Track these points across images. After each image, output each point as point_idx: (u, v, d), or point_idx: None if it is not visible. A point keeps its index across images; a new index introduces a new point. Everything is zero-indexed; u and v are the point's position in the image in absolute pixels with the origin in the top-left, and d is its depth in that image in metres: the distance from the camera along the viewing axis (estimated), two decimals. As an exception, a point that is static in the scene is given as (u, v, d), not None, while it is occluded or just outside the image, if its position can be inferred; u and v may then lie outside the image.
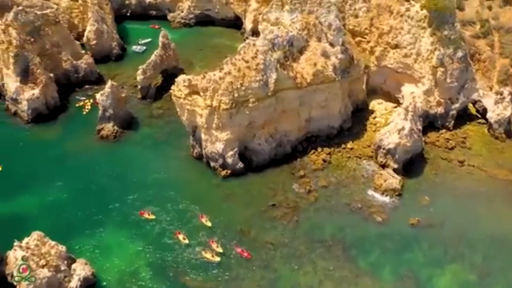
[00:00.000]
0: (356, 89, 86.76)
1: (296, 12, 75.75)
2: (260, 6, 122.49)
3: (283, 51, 72.95)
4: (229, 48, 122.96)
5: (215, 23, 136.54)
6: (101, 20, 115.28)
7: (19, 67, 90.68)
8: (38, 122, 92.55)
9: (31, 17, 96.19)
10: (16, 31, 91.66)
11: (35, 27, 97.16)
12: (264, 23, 79.86)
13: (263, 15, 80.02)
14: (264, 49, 71.04)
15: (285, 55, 73.23)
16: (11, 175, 78.64)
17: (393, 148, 72.69)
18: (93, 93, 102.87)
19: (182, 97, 73.21)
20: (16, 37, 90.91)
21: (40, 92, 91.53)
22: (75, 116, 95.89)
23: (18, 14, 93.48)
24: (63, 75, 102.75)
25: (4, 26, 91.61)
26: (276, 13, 77.46)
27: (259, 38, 73.11)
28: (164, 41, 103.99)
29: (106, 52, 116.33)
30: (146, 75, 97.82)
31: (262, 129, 75.90)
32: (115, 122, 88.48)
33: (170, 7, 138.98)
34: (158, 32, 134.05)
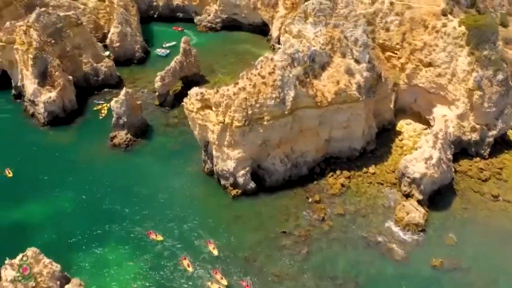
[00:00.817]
0: (383, 108, 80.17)
1: (320, 25, 69.95)
2: (288, 13, 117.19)
3: (303, 67, 67.48)
4: (254, 55, 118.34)
5: (242, 28, 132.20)
6: (125, 22, 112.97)
7: (37, 69, 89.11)
8: (54, 125, 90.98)
9: (53, 19, 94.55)
10: (37, 32, 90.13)
11: (56, 28, 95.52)
12: (286, 35, 74.45)
13: (285, 27, 74.54)
14: (283, 64, 65.79)
15: (306, 71, 67.71)
16: (20, 181, 76.83)
17: (419, 178, 65.89)
18: (112, 97, 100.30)
19: (194, 111, 69.07)
20: (36, 38, 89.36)
21: (57, 95, 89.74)
22: (91, 120, 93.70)
23: (40, 15, 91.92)
24: (82, 78, 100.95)
25: (25, 27, 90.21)
26: (299, 25, 71.81)
27: (278, 52, 67.84)
28: (185, 47, 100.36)
29: (128, 55, 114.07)
30: (164, 82, 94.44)
31: (277, 148, 70.77)
32: (129, 130, 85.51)
33: (197, 10, 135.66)
34: (182, 35, 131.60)
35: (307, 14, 71.03)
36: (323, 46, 69.44)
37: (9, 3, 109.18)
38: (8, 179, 77.09)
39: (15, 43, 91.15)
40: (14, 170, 78.94)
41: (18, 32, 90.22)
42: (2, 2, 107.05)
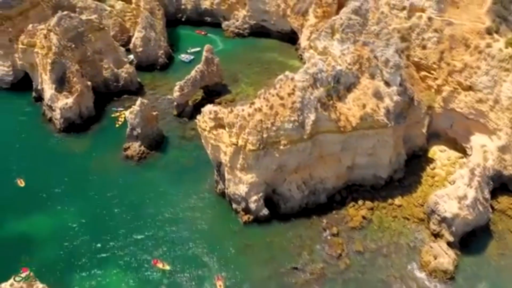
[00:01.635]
0: (414, 133, 72.95)
1: (348, 42, 63.63)
2: (318, 21, 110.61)
3: (326, 89, 61.41)
4: (281, 65, 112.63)
5: (270, 35, 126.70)
6: (150, 26, 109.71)
7: (55, 74, 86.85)
8: (70, 132, 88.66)
9: (75, 23, 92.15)
10: (57, 37, 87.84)
11: (78, 32, 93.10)
12: (310, 50, 68.53)
13: (310, 42, 68.50)
14: (304, 85, 59.93)
15: (329, 93, 61.62)
16: (31, 191, 74.37)
17: (450, 218, 58.59)
18: (131, 104, 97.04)
19: (206, 129, 64.26)
20: (56, 43, 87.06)
21: (74, 102, 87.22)
22: (107, 128, 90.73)
23: (61, 19, 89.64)
24: (102, 83, 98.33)
25: (46, 31, 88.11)
26: (325, 41, 65.77)
27: (299, 71, 61.95)
28: (208, 55, 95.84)
29: (151, 60, 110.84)
30: (183, 92, 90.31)
31: (294, 174, 65.10)
32: (142, 142, 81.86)
33: (226, 15, 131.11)
34: (208, 40, 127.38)
35: (334, 29, 64.84)
36: (350, 65, 63.06)
37: (36, 4, 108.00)
38: (20, 188, 74.92)
39: (36, 46, 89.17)
40: (26, 179, 76.69)
41: (39, 35, 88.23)
42: (29, 3, 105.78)
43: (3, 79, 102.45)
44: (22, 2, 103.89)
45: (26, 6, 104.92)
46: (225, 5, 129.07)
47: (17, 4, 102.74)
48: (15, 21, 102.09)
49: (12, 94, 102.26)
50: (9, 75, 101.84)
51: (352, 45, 63.42)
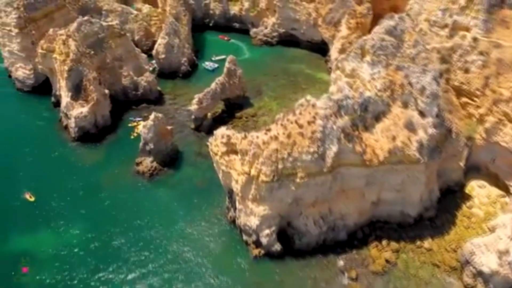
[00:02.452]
0: (450, 167, 65.14)
1: (379, 66, 56.60)
2: (351, 33, 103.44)
3: (352, 118, 54.73)
4: (308, 78, 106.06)
5: (299, 44, 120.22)
6: (174, 33, 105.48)
7: (71, 81, 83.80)
8: (84, 141, 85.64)
9: (95, 28, 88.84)
10: (75, 43, 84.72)
11: (98, 39, 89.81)
12: (337, 72, 61.77)
13: (337, 62, 61.81)
14: (327, 113, 53.49)
15: (354, 122, 54.89)
16: (39, 206, 71.58)
17: (488, 274, 50.74)
18: (148, 113, 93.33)
19: (218, 154, 58.84)
20: (74, 50, 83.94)
21: (89, 110, 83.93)
22: (122, 139, 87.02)
23: (81, 24, 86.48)
24: (121, 91, 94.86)
25: (65, 37, 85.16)
26: (354, 63, 58.92)
27: (322, 97, 55.44)
28: (230, 67, 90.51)
29: (174, 68, 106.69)
30: (201, 106, 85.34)
31: (311, 208, 58.80)
32: (155, 158, 77.48)
33: (254, 21, 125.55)
34: (234, 47, 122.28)
35: (364, 51, 57.92)
36: (380, 91, 56.06)
37: (61, 6, 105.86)
38: (27, 203, 72.04)
39: (55, 52, 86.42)
40: (34, 191, 73.79)
41: (58, 41, 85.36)
42: (55, 5, 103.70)
43: (24, 82, 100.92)
44: (48, 4, 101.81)
45: (51, 8, 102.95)
46: (254, 11, 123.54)
47: (43, 6, 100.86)
48: (40, 23, 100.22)
49: (32, 97, 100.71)
50: (31, 78, 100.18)
51: (384, 69, 56.33)
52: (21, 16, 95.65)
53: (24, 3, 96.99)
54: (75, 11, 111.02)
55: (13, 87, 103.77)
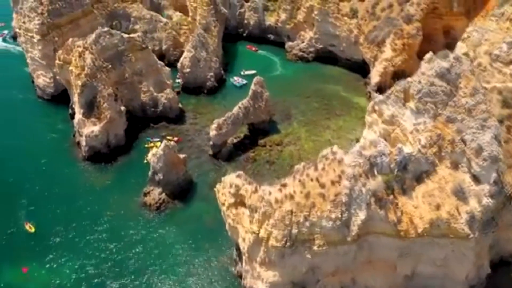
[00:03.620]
0: (505, 237, 53.43)
1: (426, 115, 46.01)
2: (395, 55, 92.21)
3: (386, 179, 44.57)
4: (344, 103, 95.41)
5: (337, 62, 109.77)
6: (201, 45, 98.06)
7: (84, 98, 78.02)
8: (95, 161, 79.81)
9: (115, 41, 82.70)
10: (92, 56, 78.83)
11: (117, 51, 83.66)
12: (373, 115, 51.61)
13: (374, 103, 51.63)
14: (355, 172, 43.66)
15: (389, 184, 44.70)
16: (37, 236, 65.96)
17: None
18: (167, 133, 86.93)
19: (225, 205, 50.39)
20: (90, 64, 78.06)
21: (101, 130, 77.86)
22: (135, 162, 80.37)
23: (100, 36, 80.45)
24: (139, 107, 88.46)
25: (81, 49, 79.47)
26: (394, 107, 48.59)
27: (351, 152, 45.59)
28: (256, 89, 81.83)
29: (199, 83, 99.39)
30: (221, 132, 77.18)
31: (330, 277, 49.10)
32: (164, 189, 70.15)
33: (291, 34, 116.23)
34: (266, 61, 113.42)
35: (408, 95, 47.48)
36: (424, 147, 45.54)
37: (88, 12, 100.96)
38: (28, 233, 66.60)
39: (71, 64, 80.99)
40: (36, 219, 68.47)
41: (74, 53, 79.78)
42: (81, 11, 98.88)
43: (44, 90, 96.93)
44: (74, 10, 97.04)
45: (78, 14, 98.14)
46: (291, 23, 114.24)
47: (68, 12, 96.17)
48: (64, 30, 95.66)
49: (51, 106, 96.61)
50: (50, 86, 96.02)
51: (431, 119, 45.71)
52: (44, 22, 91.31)
53: (48, 9, 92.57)
54: (102, 17, 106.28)
55: (34, 94, 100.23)
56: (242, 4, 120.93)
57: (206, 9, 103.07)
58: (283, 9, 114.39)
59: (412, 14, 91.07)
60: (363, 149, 44.41)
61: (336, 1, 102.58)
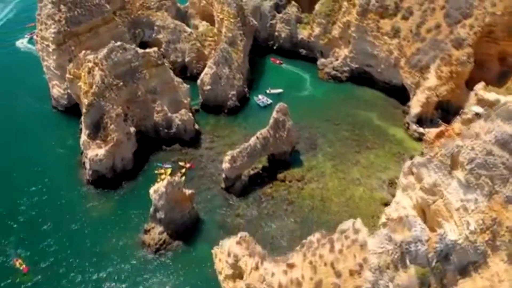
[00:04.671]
0: None
1: (478, 191, 35.76)
2: (441, 84, 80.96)
3: (422, 272, 34.73)
4: (378, 133, 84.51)
5: (374, 84, 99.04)
6: (224, 61, 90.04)
7: (90, 118, 71.72)
8: (98, 186, 73.64)
9: (128, 56, 75.96)
10: (101, 73, 72.36)
11: (131, 68, 76.96)
12: (410, 177, 41.62)
13: (412, 164, 41.58)
14: (381, 262, 34.08)
15: (424, 279, 34.82)
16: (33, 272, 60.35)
17: None
18: (179, 158, 79.63)
19: (222, 274, 41.98)
20: (98, 81, 71.64)
21: (106, 153, 71.37)
22: (141, 189, 73.06)
23: (112, 51, 73.85)
24: (152, 128, 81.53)
25: (91, 65, 73.14)
26: (438, 174, 38.53)
27: (377, 234, 35.93)
28: (278, 117, 72.91)
29: (219, 102, 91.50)
30: (235, 165, 68.87)
31: None
32: (166, 228, 62.77)
33: (324, 50, 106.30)
34: (295, 79, 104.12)
35: (457, 162, 37.25)
36: (473, 233, 35.34)
37: (109, 20, 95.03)
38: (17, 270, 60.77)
39: (80, 79, 74.97)
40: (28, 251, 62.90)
41: (84, 68, 73.60)
42: (102, 19, 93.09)
43: (58, 101, 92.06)
44: (93, 17, 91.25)
45: (97, 22, 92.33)
46: (325, 39, 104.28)
47: (87, 19, 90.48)
48: (82, 38, 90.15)
49: (64, 118, 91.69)
50: (64, 98, 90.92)
51: (485, 197, 35.43)
52: (60, 31, 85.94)
53: (66, 16, 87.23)
54: (125, 25, 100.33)
55: (50, 104, 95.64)
56: (274, 15, 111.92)
57: (233, 21, 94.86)
58: (317, 23, 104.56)
59: (463, 38, 79.41)
60: (393, 232, 34.67)
61: (376, 18, 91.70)
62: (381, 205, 67.75)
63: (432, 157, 38.67)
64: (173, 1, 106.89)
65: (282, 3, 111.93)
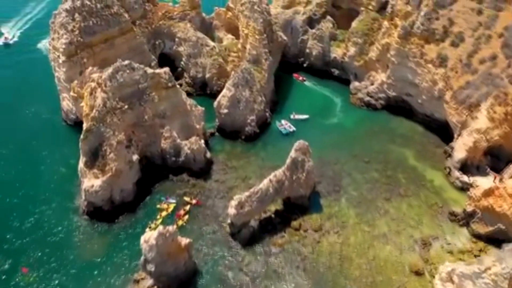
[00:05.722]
0: None
1: None
2: (493, 127, 68.85)
3: None
4: (413, 177, 72.70)
5: (412, 115, 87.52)
6: (245, 83, 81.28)
7: (88, 145, 64.74)
8: (94, 218, 66.70)
9: (136, 76, 68.45)
10: (104, 95, 65.21)
11: (138, 89, 69.45)
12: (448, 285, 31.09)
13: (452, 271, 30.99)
14: None
15: None
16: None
17: None
18: (184, 192, 71.57)
19: None
20: (99, 105, 64.54)
21: (103, 184, 64.26)
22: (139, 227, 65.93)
23: (118, 71, 66.48)
24: (158, 155, 73.91)
25: (94, 85, 66.15)
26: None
27: None
28: (296, 157, 63.30)
29: (237, 127, 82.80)
30: (242, 211, 59.93)
31: None
32: (157, 281, 54.68)
33: (359, 73, 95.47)
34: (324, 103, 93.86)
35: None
36: None
37: (126, 30, 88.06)
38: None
39: (83, 99, 68.23)
40: None
41: (86, 88, 66.75)
42: (118, 29, 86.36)
43: (67, 115, 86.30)
44: (110, 27, 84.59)
45: (114, 32, 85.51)
46: (361, 60, 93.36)
47: (103, 30, 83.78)
48: (96, 50, 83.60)
49: (72, 133, 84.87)
50: (73, 113, 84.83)
51: None
52: (72, 41, 79.49)
53: (80, 26, 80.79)
54: (144, 35, 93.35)
55: (60, 116, 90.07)
56: (306, 30, 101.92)
57: (258, 38, 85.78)
58: (353, 42, 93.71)
59: (524, 75, 66.72)
60: None
61: (421, 43, 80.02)
62: (410, 273, 57.16)
63: (482, 271, 28.08)
64: (197, 12, 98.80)
65: (316, 17, 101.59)
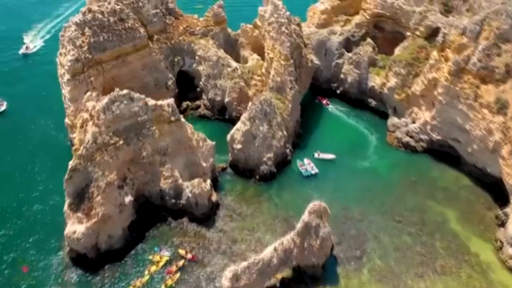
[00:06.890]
0: None
1: None
2: None
3: None
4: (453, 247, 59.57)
5: (459, 163, 73.82)
6: (263, 117, 71.07)
7: (72, 186, 56.73)
8: (77, 265, 58.90)
9: (134, 108, 59.79)
10: (95, 130, 56.89)
11: (137, 122, 60.79)
12: None
13: None
14: None
15: None
16: None
17: None
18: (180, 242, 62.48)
19: None
20: (89, 140, 56.27)
21: (86, 231, 56.22)
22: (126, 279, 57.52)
23: (114, 102, 57.97)
24: (157, 195, 65.13)
25: (86, 117, 58.02)
26: None
27: None
28: (310, 221, 52.23)
29: (251, 165, 72.69)
30: (237, 285, 49.64)
31: None
32: None
33: (399, 107, 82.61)
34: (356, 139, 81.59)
35: None
36: None
37: (141, 46, 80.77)
38: None
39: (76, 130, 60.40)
40: None
41: (78, 119, 58.79)
42: (132, 45, 78.67)
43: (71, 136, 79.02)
44: (122, 43, 77.01)
45: (126, 49, 77.86)
46: (402, 94, 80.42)
47: (114, 46, 76.37)
48: (106, 67, 76.34)
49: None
50: (76, 134, 77.33)
51: None
52: (79, 59, 72.19)
53: (90, 41, 73.63)
54: (162, 51, 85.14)
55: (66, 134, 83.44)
56: (342, 53, 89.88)
57: (284, 64, 75.03)
58: (394, 72, 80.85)
59: None
60: None
61: (476, 82, 66.34)
62: None
63: None
64: (222, 27, 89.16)
65: (354, 39, 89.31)
